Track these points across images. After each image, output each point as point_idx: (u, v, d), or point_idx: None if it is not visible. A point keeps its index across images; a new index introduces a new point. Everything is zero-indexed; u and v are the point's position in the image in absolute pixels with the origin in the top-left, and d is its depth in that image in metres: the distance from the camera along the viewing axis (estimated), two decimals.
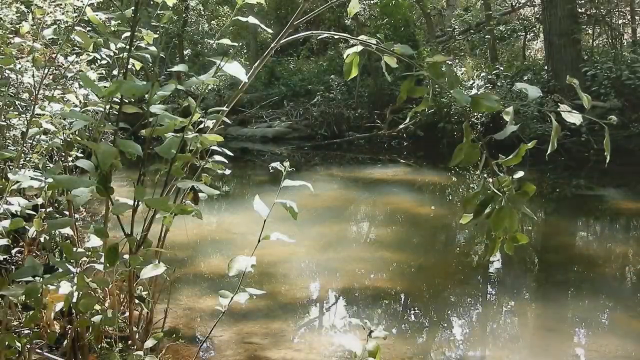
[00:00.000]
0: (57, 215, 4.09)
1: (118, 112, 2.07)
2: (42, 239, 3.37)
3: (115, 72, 2.87)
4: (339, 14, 17.02)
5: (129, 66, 2.15)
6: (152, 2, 2.35)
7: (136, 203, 1.98)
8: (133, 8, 2.03)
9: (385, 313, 4.12)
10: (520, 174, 1.66)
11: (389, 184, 8.88)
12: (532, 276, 5.08)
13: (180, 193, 2.47)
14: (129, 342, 2.86)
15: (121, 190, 4.40)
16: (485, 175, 1.70)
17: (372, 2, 14.78)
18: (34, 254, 3.66)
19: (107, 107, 2.37)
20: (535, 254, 5.52)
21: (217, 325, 2.57)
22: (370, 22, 15.29)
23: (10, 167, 3.44)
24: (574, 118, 1.55)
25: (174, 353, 3.26)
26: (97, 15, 2.45)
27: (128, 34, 2.07)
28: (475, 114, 10.88)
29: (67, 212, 3.71)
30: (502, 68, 12.44)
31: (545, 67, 12.12)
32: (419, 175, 9.84)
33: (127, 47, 2.07)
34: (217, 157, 2.54)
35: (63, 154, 3.43)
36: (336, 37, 13.26)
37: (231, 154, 2.58)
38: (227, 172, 2.55)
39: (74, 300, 2.07)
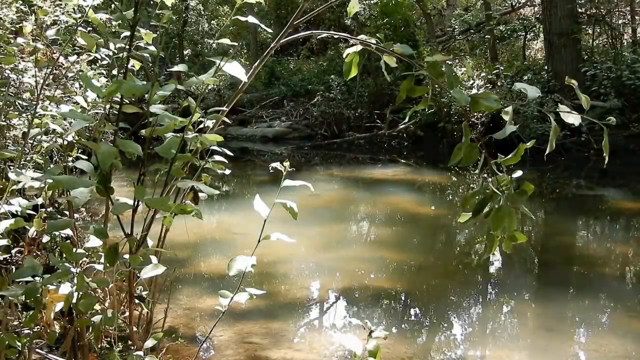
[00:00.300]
0: (58, 216, 4.09)
1: (118, 112, 2.07)
2: (42, 239, 3.37)
3: (115, 72, 2.87)
4: (339, 14, 17.03)
5: (129, 66, 2.15)
6: (151, 2, 2.35)
7: (136, 203, 1.97)
8: (133, 8, 2.03)
9: (385, 313, 4.12)
10: (519, 173, 1.66)
11: (389, 184, 8.88)
12: (532, 276, 5.08)
13: (180, 193, 2.47)
14: (129, 342, 2.87)
15: (121, 190, 4.40)
16: (484, 174, 1.70)
17: (372, 2, 14.78)
18: (34, 254, 3.66)
19: (107, 107, 2.37)
20: (535, 254, 5.53)
21: (217, 325, 2.57)
22: (370, 22, 15.29)
23: (11, 167, 3.44)
24: (573, 118, 1.55)
25: (174, 353, 3.26)
26: (96, 15, 2.45)
27: (127, 33, 2.07)
28: (476, 113, 10.89)
29: (67, 213, 3.71)
30: (502, 68, 12.44)
31: (545, 67, 12.13)
32: (419, 175, 9.85)
33: (127, 47, 2.07)
34: (217, 157, 2.54)
35: (63, 154, 3.43)
36: (336, 37, 13.27)
37: (231, 154, 2.58)
38: (227, 172, 2.55)
39: (74, 300, 2.07)
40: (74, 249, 2.16)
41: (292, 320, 3.94)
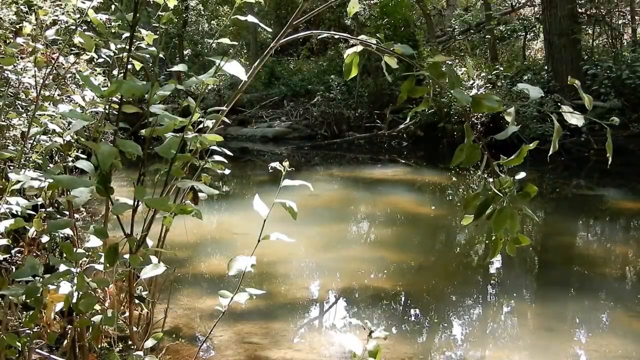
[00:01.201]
0: (58, 216, 4.09)
1: (118, 112, 2.07)
2: (42, 239, 3.37)
3: (115, 72, 2.87)
4: (339, 14, 17.03)
5: (129, 66, 2.15)
6: (152, 3, 2.35)
7: (136, 203, 1.97)
8: (133, 9, 2.02)
9: (385, 313, 4.11)
10: (521, 174, 1.66)
11: (389, 184, 8.88)
12: (532, 276, 5.08)
13: (180, 193, 2.47)
14: (129, 342, 2.86)
15: (121, 190, 4.40)
16: (485, 175, 1.69)
17: (372, 2, 14.78)
18: (34, 254, 3.66)
19: (107, 107, 2.37)
20: (535, 254, 5.52)
21: (217, 325, 2.57)
22: (370, 22, 15.29)
23: (10, 167, 3.44)
24: (576, 119, 1.55)
25: (174, 353, 3.26)
26: (97, 16, 2.45)
27: (128, 34, 2.06)
28: (476, 114, 10.89)
29: (67, 212, 3.71)
30: (502, 68, 12.44)
31: (545, 67, 12.12)
32: (419, 175, 9.84)
33: (127, 47, 2.06)
34: (217, 157, 2.53)
35: (63, 154, 3.43)
36: (336, 37, 13.27)
37: (231, 154, 2.58)
38: (227, 172, 2.55)
39: (74, 300, 2.07)
40: (74, 249, 2.16)
41: (292, 320, 3.94)
